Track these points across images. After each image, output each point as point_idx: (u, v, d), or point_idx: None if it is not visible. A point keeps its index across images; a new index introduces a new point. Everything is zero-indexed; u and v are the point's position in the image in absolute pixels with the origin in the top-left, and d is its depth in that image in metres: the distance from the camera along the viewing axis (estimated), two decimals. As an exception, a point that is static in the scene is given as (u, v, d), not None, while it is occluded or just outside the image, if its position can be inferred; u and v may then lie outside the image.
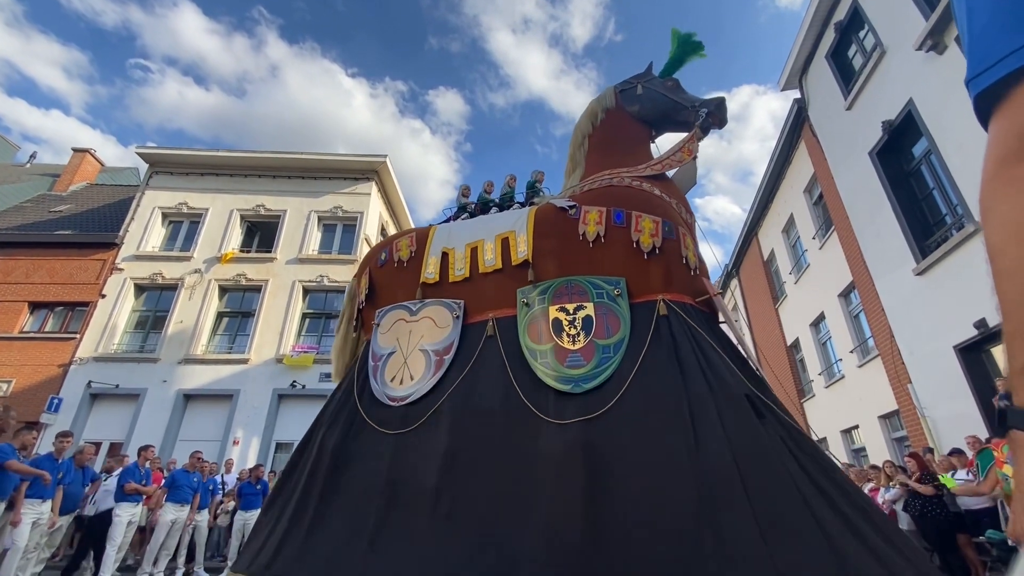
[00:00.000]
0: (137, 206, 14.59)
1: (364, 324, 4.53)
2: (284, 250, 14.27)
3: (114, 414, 12.25)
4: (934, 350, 8.17)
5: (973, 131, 7.06)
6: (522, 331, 3.74)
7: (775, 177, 14.70)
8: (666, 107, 4.78)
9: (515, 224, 4.19)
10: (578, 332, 3.59)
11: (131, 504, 6.56)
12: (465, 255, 4.22)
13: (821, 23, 11.24)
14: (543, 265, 3.94)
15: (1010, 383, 0.59)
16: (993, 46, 0.58)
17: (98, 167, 19.65)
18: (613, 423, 3.05)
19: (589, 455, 2.95)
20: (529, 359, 3.56)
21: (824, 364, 13.15)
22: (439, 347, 3.87)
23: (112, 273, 13.57)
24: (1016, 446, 0.58)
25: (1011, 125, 0.58)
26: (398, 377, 3.84)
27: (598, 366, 3.37)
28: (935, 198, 8.61)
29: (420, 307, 4.16)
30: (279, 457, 12.14)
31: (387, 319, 4.24)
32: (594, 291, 3.71)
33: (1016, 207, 0.56)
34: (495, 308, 3.96)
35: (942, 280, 7.98)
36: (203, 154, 15.25)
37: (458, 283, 4.15)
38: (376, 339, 4.17)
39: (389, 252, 4.61)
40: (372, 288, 4.56)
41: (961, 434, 6.76)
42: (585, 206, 4.03)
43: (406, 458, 3.38)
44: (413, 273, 4.36)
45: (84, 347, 12.66)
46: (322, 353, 13.01)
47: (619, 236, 3.83)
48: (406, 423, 3.56)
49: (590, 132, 4.87)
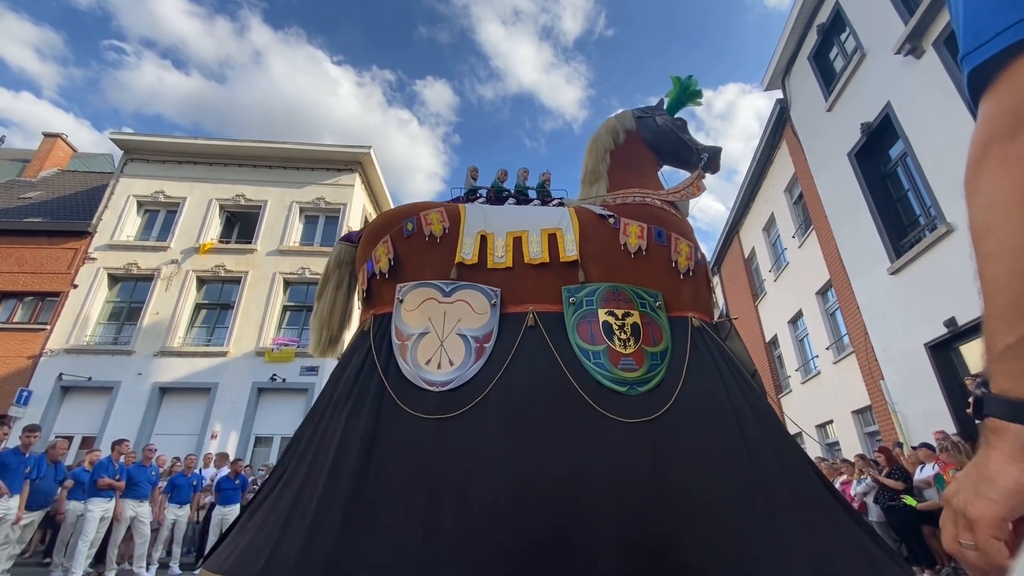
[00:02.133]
0: (111, 194, 14.17)
1: (374, 296, 4.09)
2: (264, 241, 14.02)
3: (87, 407, 11.94)
4: (906, 347, 8.41)
5: (947, 135, 7.25)
6: (571, 329, 3.75)
7: (757, 176, 14.92)
8: (676, 144, 5.19)
9: (560, 221, 4.24)
10: (628, 337, 3.75)
11: (104, 499, 6.41)
12: (507, 243, 4.12)
13: (804, 25, 11.40)
14: (588, 267, 4.04)
15: (987, 369, 0.58)
16: (988, 22, 0.57)
17: (70, 153, 19.01)
18: (672, 424, 3.22)
19: (654, 453, 3.08)
20: (581, 358, 3.59)
21: (801, 360, 13.45)
22: (478, 334, 3.71)
23: (84, 262, 13.18)
24: (991, 433, 0.57)
25: (1004, 102, 0.56)
26: (434, 360, 3.61)
27: (649, 371, 3.55)
28: (910, 199, 8.84)
29: (454, 289, 3.92)
30: (258, 452, 12.00)
31: (413, 296, 3.93)
32: (638, 300, 3.92)
33: (1005, 186, 0.54)
34: (535, 301, 3.90)
35: (915, 280, 8.21)
36: (181, 142, 14.86)
37: (497, 270, 4.00)
38: (400, 316, 3.84)
39: (417, 224, 4.23)
40: (396, 260, 4.11)
41: (930, 429, 7.00)
42: (624, 218, 4.25)
43: (454, 448, 3.12)
44: (446, 251, 4.08)
45: (55, 338, 12.30)
46: (303, 347, 12.87)
47: (660, 253, 4.14)
48: (445, 410, 3.30)
49: (612, 148, 5.07)
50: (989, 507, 0.54)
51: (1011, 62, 0.55)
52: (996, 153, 0.55)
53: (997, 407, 0.56)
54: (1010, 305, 0.53)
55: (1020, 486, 0.53)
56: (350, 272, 4.54)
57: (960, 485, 0.59)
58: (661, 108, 5.39)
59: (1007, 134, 0.54)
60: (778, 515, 2.82)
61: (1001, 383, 0.55)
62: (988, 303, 0.56)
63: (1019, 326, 0.53)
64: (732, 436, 3.18)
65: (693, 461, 3.07)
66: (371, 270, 4.15)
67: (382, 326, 3.87)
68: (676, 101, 5.38)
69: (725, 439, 3.17)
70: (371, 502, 2.89)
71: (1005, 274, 0.54)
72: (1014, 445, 0.54)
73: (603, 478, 2.96)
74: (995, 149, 0.56)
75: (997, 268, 0.55)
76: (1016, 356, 0.53)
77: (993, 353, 0.56)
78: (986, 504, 0.54)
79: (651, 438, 3.14)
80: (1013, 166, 0.54)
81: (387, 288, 4.04)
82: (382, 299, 4.04)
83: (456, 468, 3.02)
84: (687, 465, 3.04)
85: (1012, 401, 0.54)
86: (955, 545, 0.58)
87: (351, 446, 3.14)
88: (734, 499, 2.90)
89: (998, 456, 0.55)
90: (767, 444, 3.16)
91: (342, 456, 3.10)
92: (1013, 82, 0.55)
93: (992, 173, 0.56)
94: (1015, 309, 0.53)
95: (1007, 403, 0.54)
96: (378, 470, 3.04)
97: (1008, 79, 0.55)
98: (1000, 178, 0.55)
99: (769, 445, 3.16)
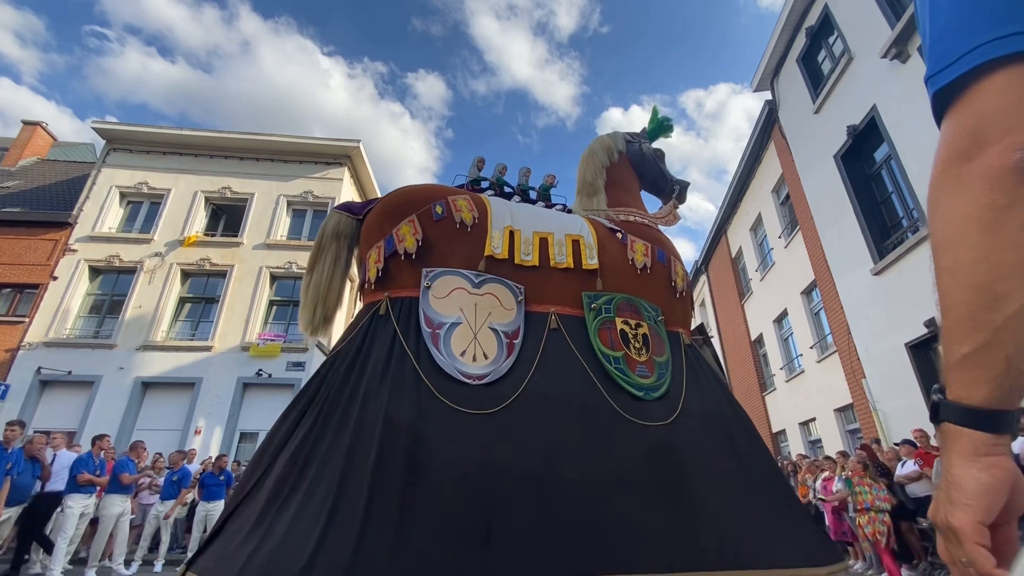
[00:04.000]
0: (93, 184, 13.86)
1: (392, 277, 3.87)
2: (251, 235, 13.82)
3: (66, 402, 11.71)
4: (887, 347, 8.58)
5: (931, 138, 7.38)
6: (593, 334, 3.91)
7: (745, 177, 15.07)
8: (655, 172, 5.63)
9: (581, 229, 4.40)
10: (641, 346, 4.03)
11: (84, 495, 6.31)
12: (533, 242, 4.16)
13: (793, 27, 11.51)
14: (604, 277, 4.24)
15: (944, 377, 0.60)
16: (952, 45, 0.59)
17: (50, 142, 18.53)
18: (682, 429, 3.60)
19: (672, 455, 3.42)
20: (604, 362, 3.76)
21: (785, 359, 13.64)
22: (508, 329, 3.72)
23: (64, 254, 12.89)
24: (946, 438, 0.60)
25: (962, 123, 0.58)
26: (469, 352, 3.54)
27: (658, 379, 3.87)
28: (893, 202, 8.99)
29: (483, 281, 3.88)
30: (243, 447, 11.87)
31: (442, 283, 3.81)
32: (645, 313, 4.24)
33: (960, 205, 0.57)
34: (556, 304, 4.01)
35: (897, 280, 8.37)
36: (165, 132, 14.56)
37: (524, 267, 4.01)
38: (428, 302, 3.71)
39: (447, 208, 4.09)
40: (424, 242, 3.94)
41: (909, 427, 7.14)
42: (631, 236, 4.57)
43: (500, 445, 3.09)
44: (474, 241, 4.00)
45: (34, 331, 12.03)
46: (289, 341, 12.74)
47: (661, 272, 4.49)
48: (483, 405, 3.25)
49: (608, 165, 5.32)
50: (967, 513, 0.56)
51: (971, 85, 0.57)
52: (954, 172, 0.58)
53: (952, 413, 0.59)
54: (964, 318, 0.56)
55: (983, 485, 0.55)
56: (348, 246, 4.26)
57: (938, 502, 0.61)
58: (644, 136, 5.81)
59: (965, 155, 0.57)
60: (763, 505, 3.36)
61: (956, 391, 0.59)
62: (945, 315, 0.59)
63: (973, 338, 0.55)
64: (724, 440, 3.64)
65: (699, 461, 3.43)
66: (391, 248, 3.92)
67: (404, 311, 3.69)
68: (653, 132, 5.88)
69: (720, 443, 3.62)
70: (424, 500, 2.80)
71: (960, 288, 0.57)
72: (968, 448, 0.57)
73: (636, 477, 3.20)
74: (953, 169, 0.58)
75: (953, 282, 0.58)
76: (971, 365, 0.56)
77: (949, 362, 0.59)
78: (963, 510, 0.56)
79: (667, 440, 3.47)
80: (969, 186, 0.56)
81: (408, 270, 3.86)
82: (401, 281, 3.84)
83: (505, 465, 3.01)
84: (695, 464, 3.40)
85: (966, 408, 0.57)
86: (959, 567, 0.58)
87: (397, 441, 2.98)
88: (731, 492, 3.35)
89: (957, 460, 0.58)
90: (749, 447, 3.67)
91: (387, 451, 2.92)
92: (972, 104, 0.57)
93: (949, 192, 0.59)
94: (969, 322, 0.56)
95: (962, 409, 0.58)
96: (426, 465, 2.93)
97: (967, 101, 0.58)
98: (957, 196, 0.57)
99: (750, 448, 3.67)
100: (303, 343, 12.67)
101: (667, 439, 3.46)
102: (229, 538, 2.74)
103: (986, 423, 0.56)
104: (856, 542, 6.89)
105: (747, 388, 16.12)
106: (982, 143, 0.55)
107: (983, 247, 0.54)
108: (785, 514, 3.41)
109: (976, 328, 0.55)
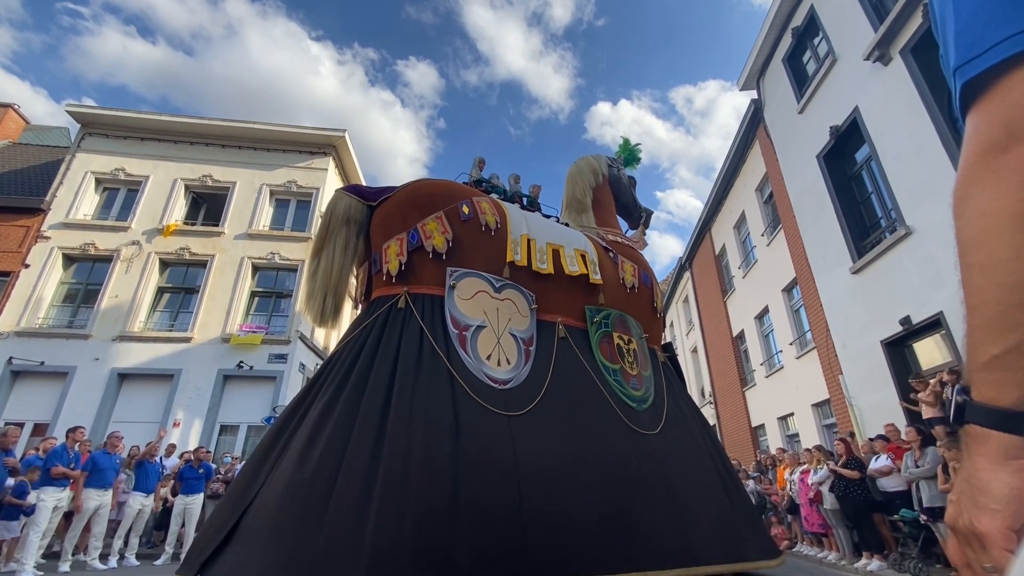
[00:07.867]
0: (67, 169, 13.43)
1: (414, 272, 3.75)
2: (232, 224, 13.56)
3: (39, 393, 11.40)
4: (864, 344, 8.79)
5: (909, 141, 7.54)
6: (595, 346, 4.15)
7: (730, 175, 15.23)
8: (628, 198, 6.08)
9: (585, 244, 4.63)
10: (633, 360, 4.33)
11: (57, 488, 6.16)
12: (547, 252, 4.24)
13: (780, 27, 11.62)
14: (604, 292, 4.50)
15: (970, 378, 0.58)
16: (981, 35, 0.56)
17: (23, 124, 17.91)
18: (667, 435, 4.00)
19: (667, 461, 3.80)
20: (605, 373, 3.99)
21: (766, 355, 13.89)
22: (524, 336, 3.80)
23: (37, 241, 12.49)
24: (971, 440, 0.57)
25: (996, 114, 0.56)
26: (494, 357, 3.54)
27: (646, 392, 4.22)
28: (872, 202, 9.18)
29: (502, 286, 3.88)
30: (223, 440, 11.70)
31: (466, 284, 3.75)
32: (634, 330, 4.54)
33: (996, 199, 0.54)
34: (562, 314, 4.14)
35: (874, 279, 8.56)
36: (143, 117, 14.16)
37: (538, 276, 4.10)
38: (454, 303, 3.64)
39: (473, 209, 4.01)
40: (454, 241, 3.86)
41: (882, 421, 7.35)
42: (620, 255, 4.87)
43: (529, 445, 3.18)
44: (497, 246, 3.99)
45: (4, 320, 11.66)
46: (271, 333, 12.56)
47: (645, 293, 4.88)
48: (510, 408, 3.31)
49: (594, 185, 5.61)
50: (994, 518, 0.53)
51: (1004, 75, 0.55)
52: (988, 166, 0.56)
53: (980, 415, 0.56)
54: (997, 316, 0.54)
55: (1014, 490, 0.53)
56: (357, 232, 4.07)
57: (958, 506, 0.58)
58: (620, 162, 6.28)
59: (999, 147, 0.54)
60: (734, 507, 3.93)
61: (985, 392, 0.56)
62: (973, 314, 0.56)
63: (1006, 338, 0.53)
64: (696, 443, 4.19)
65: (681, 463, 3.87)
66: (415, 242, 3.80)
67: (429, 308, 3.60)
68: (625, 160, 6.36)
69: (693, 446, 4.13)
70: (473, 499, 2.84)
71: (993, 286, 0.54)
72: (998, 451, 0.54)
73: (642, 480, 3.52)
74: (987, 162, 0.56)
75: (985, 280, 0.55)
76: (1001, 366, 0.54)
77: (977, 363, 0.56)
78: (991, 515, 0.54)
79: (659, 445, 3.84)
80: (1005, 179, 0.54)
81: (431, 267, 3.77)
82: (422, 277, 3.75)
83: (535, 463, 3.16)
84: (679, 465, 3.84)
85: (996, 409, 0.55)
86: (977, 573, 0.56)
87: (441, 439, 2.97)
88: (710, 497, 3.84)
89: (984, 463, 0.55)
90: (712, 447, 4.37)
91: (433, 449, 2.91)
92: (1006, 95, 0.55)
93: (983, 186, 0.56)
94: (1002, 321, 0.53)
95: (991, 411, 0.55)
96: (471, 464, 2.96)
97: (1001, 92, 0.55)
98: (991, 191, 0.55)
99: (719, 459, 4.33)
100: (286, 335, 12.51)
101: (660, 447, 3.83)
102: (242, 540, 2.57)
103: (1017, 426, 0.53)
104: (831, 533, 7.08)
105: (728, 383, 16.39)
106: (1018, 135, 0.53)
107: (1018, 243, 0.52)
108: (743, 513, 3.99)
109: (1009, 328, 0.52)
